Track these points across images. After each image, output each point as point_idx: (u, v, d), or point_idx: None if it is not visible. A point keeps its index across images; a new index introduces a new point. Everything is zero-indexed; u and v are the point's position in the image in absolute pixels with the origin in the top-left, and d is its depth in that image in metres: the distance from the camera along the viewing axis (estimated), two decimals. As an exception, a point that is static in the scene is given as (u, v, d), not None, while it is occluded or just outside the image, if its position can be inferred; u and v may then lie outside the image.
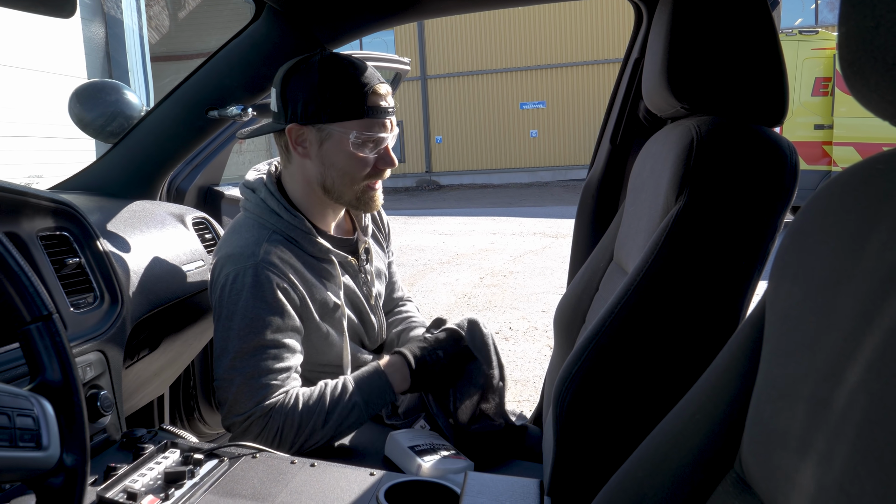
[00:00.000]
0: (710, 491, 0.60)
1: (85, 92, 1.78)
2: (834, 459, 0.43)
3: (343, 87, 1.33)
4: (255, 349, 1.31)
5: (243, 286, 1.32)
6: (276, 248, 1.37)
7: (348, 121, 1.35)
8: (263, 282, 1.33)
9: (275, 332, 1.33)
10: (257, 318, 1.32)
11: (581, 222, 1.84)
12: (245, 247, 1.36)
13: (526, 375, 3.76)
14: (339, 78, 1.33)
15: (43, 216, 1.21)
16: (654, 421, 0.71)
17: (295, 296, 1.37)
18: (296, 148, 1.39)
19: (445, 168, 18.68)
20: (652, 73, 1.16)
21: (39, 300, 0.73)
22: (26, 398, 0.68)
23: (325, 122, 1.35)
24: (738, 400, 0.60)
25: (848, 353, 0.45)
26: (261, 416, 1.30)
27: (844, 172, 0.54)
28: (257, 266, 1.33)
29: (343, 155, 1.38)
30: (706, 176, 0.99)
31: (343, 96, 1.33)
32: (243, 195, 1.47)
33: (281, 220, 1.40)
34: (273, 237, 1.38)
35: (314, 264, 1.43)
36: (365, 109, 1.34)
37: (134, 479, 1.00)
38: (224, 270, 1.35)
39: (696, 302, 0.99)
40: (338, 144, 1.37)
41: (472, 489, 0.94)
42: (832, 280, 0.49)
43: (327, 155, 1.38)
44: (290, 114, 1.36)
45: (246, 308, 1.32)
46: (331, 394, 1.35)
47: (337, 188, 1.42)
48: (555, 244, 8.13)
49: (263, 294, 1.33)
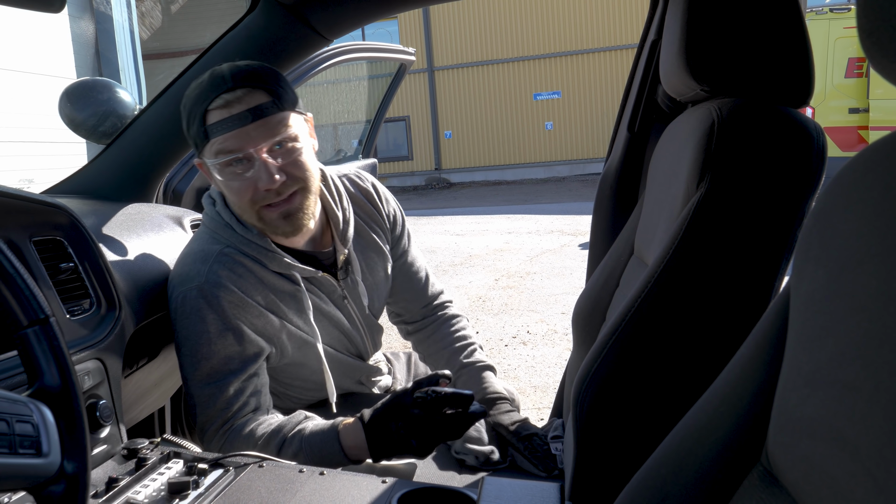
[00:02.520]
0: (737, 486, 0.61)
1: (76, 91, 1.81)
2: (861, 445, 0.44)
3: (188, 114, 1.31)
4: (207, 375, 1.34)
5: (191, 310, 1.34)
6: (225, 266, 1.36)
7: (204, 147, 1.31)
8: (211, 303, 1.33)
9: (226, 355, 1.34)
10: (208, 344, 1.33)
11: (599, 215, 1.85)
12: (192, 265, 1.37)
13: (546, 381, 3.77)
14: (186, 104, 1.31)
15: (36, 220, 1.23)
16: (677, 417, 0.72)
17: (250, 314, 1.36)
18: (210, 179, 1.38)
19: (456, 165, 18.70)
20: (670, 55, 1.17)
21: (36, 303, 0.75)
22: (25, 404, 0.70)
23: (198, 154, 1.35)
24: (763, 390, 0.61)
25: (874, 335, 0.46)
26: (220, 446, 1.34)
27: (866, 150, 0.55)
28: (202, 287, 1.34)
29: (221, 185, 1.35)
30: (728, 160, 1.00)
31: (190, 125, 1.31)
32: (204, 204, 1.47)
33: (234, 233, 1.38)
34: (225, 253, 1.37)
35: (275, 282, 1.40)
36: (205, 131, 1.28)
37: (136, 491, 1.02)
38: (173, 294, 1.38)
39: (720, 294, 1.00)
40: (214, 175, 1.34)
41: (489, 494, 0.95)
42: (856, 260, 0.50)
43: (219, 187, 1.38)
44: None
45: (196, 334, 1.34)
46: (278, 444, 1.31)
47: (242, 216, 1.39)
48: (573, 242, 8.13)
49: (212, 317, 1.33)
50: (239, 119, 1.26)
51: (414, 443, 1.23)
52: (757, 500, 0.58)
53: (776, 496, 0.56)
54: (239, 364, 1.35)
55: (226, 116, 1.26)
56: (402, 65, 3.15)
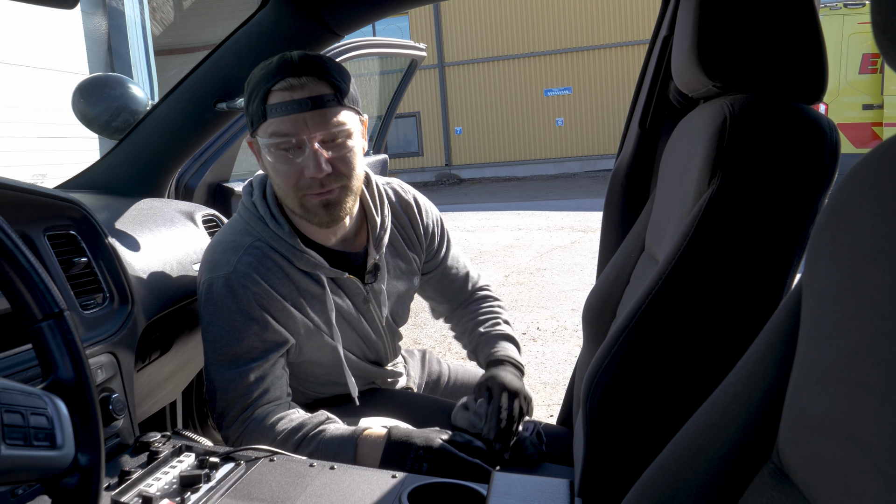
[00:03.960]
0: (747, 483, 0.61)
1: (89, 87, 1.82)
2: (873, 442, 0.44)
3: (251, 91, 1.32)
4: (230, 361, 1.35)
5: (218, 297, 1.36)
6: (254, 258, 1.38)
7: (259, 126, 1.32)
8: (237, 293, 1.35)
9: (249, 343, 1.35)
10: (228, 330, 1.35)
11: (610, 212, 1.84)
12: (222, 254, 1.39)
13: (556, 378, 3.77)
14: (251, 83, 1.32)
15: (50, 215, 1.24)
16: (687, 414, 0.72)
17: (275, 306, 1.38)
18: (258, 159, 1.40)
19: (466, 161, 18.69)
20: (682, 50, 1.17)
21: (51, 297, 0.75)
22: (39, 397, 0.71)
23: (253, 134, 1.36)
24: (775, 387, 0.61)
25: (886, 332, 0.46)
26: (238, 434, 1.35)
27: (880, 146, 0.55)
28: (229, 276, 1.36)
29: (269, 166, 1.36)
30: (740, 156, 0.99)
31: (251, 102, 1.32)
32: (243, 191, 1.49)
33: (266, 228, 1.40)
34: (255, 246, 1.39)
35: (301, 281, 1.41)
36: (264, 109, 1.29)
37: (149, 484, 1.03)
38: (201, 278, 1.40)
39: (731, 291, 0.99)
40: (264, 156, 1.36)
41: (498, 490, 0.95)
42: (869, 257, 0.50)
43: (266, 167, 1.39)
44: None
45: (220, 320, 1.35)
46: (296, 442, 1.32)
47: (283, 200, 1.40)
48: (584, 239, 8.11)
49: (236, 305, 1.35)
50: (299, 105, 1.27)
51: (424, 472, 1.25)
52: (767, 498, 0.58)
53: (787, 493, 0.56)
54: (261, 352, 1.36)
55: (287, 100, 1.28)
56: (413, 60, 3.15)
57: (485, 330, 1.68)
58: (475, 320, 1.72)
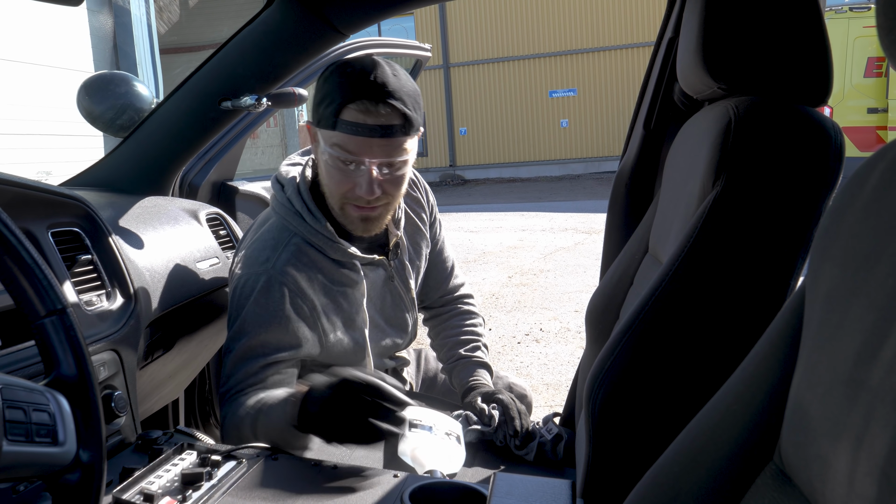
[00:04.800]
0: (749, 484, 0.61)
1: (94, 84, 1.82)
2: (875, 444, 0.44)
3: (327, 93, 1.32)
4: (246, 352, 1.37)
5: (252, 291, 1.37)
6: (294, 256, 1.40)
7: (325, 129, 1.34)
8: (273, 291, 1.37)
9: (265, 337, 1.37)
10: (253, 324, 1.36)
11: (614, 213, 1.84)
12: (262, 251, 1.41)
13: (558, 379, 3.76)
14: (331, 82, 1.32)
15: (54, 212, 1.25)
16: (690, 416, 0.72)
17: (306, 307, 1.41)
18: (312, 143, 1.43)
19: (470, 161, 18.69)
20: (687, 52, 1.17)
21: (54, 294, 0.76)
22: (41, 393, 0.71)
23: (316, 125, 1.37)
24: (777, 389, 0.61)
25: (889, 334, 0.46)
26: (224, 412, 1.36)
27: (884, 148, 0.55)
28: (269, 274, 1.38)
29: (322, 163, 1.39)
30: (745, 158, 0.99)
31: (324, 102, 1.33)
32: (273, 189, 1.51)
33: (304, 223, 1.42)
34: (293, 241, 1.42)
35: (335, 271, 1.45)
36: (335, 121, 1.31)
37: (150, 481, 1.03)
38: (238, 272, 1.42)
39: (734, 292, 0.99)
40: (320, 151, 1.37)
41: (500, 490, 0.95)
42: (872, 258, 0.50)
43: (318, 159, 1.41)
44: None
45: (247, 313, 1.37)
46: (259, 401, 1.30)
47: (327, 197, 1.42)
48: (588, 240, 8.11)
49: (269, 303, 1.37)
50: (370, 130, 1.29)
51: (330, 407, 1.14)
52: (769, 499, 0.58)
53: (789, 495, 0.56)
54: (273, 348, 1.38)
55: (360, 122, 1.29)
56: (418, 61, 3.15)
57: (465, 353, 1.71)
58: (456, 339, 1.74)
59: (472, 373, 1.67)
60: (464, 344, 1.72)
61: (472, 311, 1.82)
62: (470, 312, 1.81)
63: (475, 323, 1.79)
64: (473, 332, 1.76)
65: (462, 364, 1.70)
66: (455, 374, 1.70)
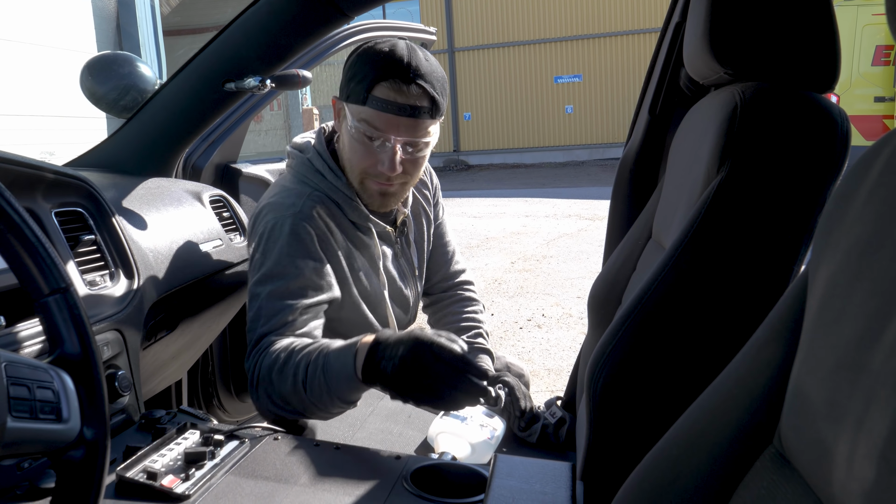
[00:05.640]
0: (748, 467, 0.61)
1: (97, 64, 1.82)
2: (875, 428, 0.44)
3: (359, 69, 1.36)
4: (284, 294, 1.36)
5: (281, 233, 1.39)
6: (315, 205, 1.43)
7: (354, 104, 1.37)
8: (301, 231, 1.39)
9: (306, 279, 1.38)
10: (290, 265, 1.37)
11: (617, 199, 1.84)
12: (287, 197, 1.44)
13: (560, 364, 3.77)
14: (363, 59, 1.36)
15: (58, 191, 1.25)
16: (690, 400, 0.73)
17: (332, 252, 1.44)
18: (336, 118, 1.47)
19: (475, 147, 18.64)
20: (694, 37, 1.16)
21: (57, 272, 0.76)
22: (45, 371, 0.71)
23: (344, 100, 1.41)
24: (778, 373, 0.61)
25: (891, 317, 0.46)
26: (257, 359, 1.31)
27: (889, 134, 0.54)
28: (295, 216, 1.40)
29: (347, 138, 1.42)
30: (750, 144, 0.99)
31: (355, 78, 1.36)
32: (290, 156, 1.54)
33: (324, 179, 1.46)
34: (314, 195, 1.45)
35: (351, 231, 1.49)
36: (366, 97, 1.35)
37: (154, 460, 1.03)
38: (264, 219, 1.43)
39: (737, 278, 0.99)
40: (346, 126, 1.41)
41: (501, 472, 0.96)
42: (876, 244, 0.50)
43: (343, 133, 1.45)
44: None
45: (280, 255, 1.38)
46: (312, 349, 1.27)
47: (347, 171, 1.47)
48: (591, 227, 8.10)
49: (300, 243, 1.39)
50: (399, 109, 1.33)
51: (402, 367, 1.14)
52: (768, 482, 0.58)
53: (788, 478, 0.57)
54: (313, 292, 1.39)
55: (391, 100, 1.33)
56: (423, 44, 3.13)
57: (466, 340, 1.70)
58: (457, 326, 1.75)
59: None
60: (465, 331, 1.73)
61: (473, 298, 1.83)
62: (471, 299, 1.82)
63: (476, 310, 1.79)
64: (474, 319, 1.76)
65: None
66: None
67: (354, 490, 1.00)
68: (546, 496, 0.90)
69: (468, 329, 1.73)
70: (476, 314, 1.78)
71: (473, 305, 1.80)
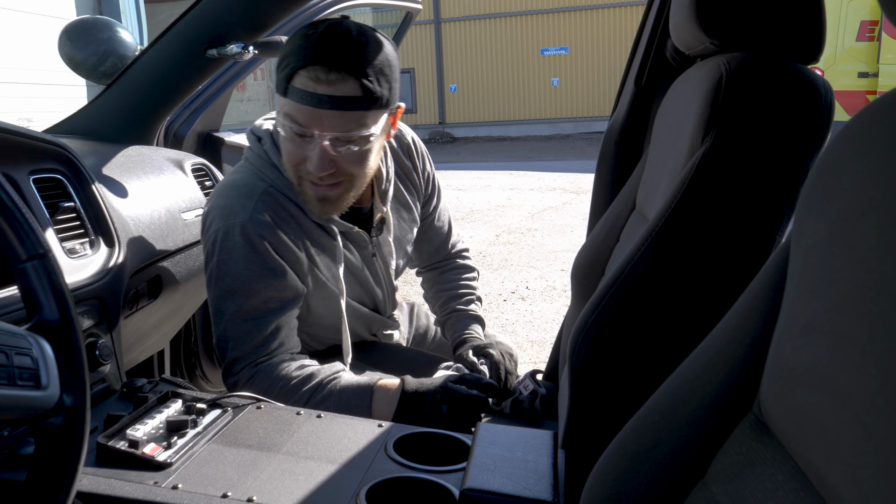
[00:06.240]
0: (728, 433, 0.62)
1: (75, 29, 1.78)
2: (853, 393, 0.45)
3: (284, 56, 1.24)
4: (247, 312, 1.34)
5: (234, 244, 1.32)
6: (269, 206, 1.34)
7: (280, 96, 1.25)
8: (254, 240, 1.32)
9: (268, 294, 1.34)
10: (249, 281, 1.32)
11: (602, 170, 1.84)
12: (236, 200, 1.34)
13: (543, 336, 3.80)
14: (290, 45, 1.24)
15: (36, 157, 1.23)
16: (671, 368, 0.73)
17: (289, 258, 1.36)
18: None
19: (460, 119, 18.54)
20: (680, 7, 1.15)
21: (35, 238, 0.75)
22: (24, 337, 0.70)
23: (276, 91, 1.30)
24: (758, 342, 0.62)
25: (871, 285, 0.46)
26: (248, 380, 1.34)
27: (874, 102, 0.54)
28: (244, 225, 1.32)
29: (280, 137, 1.31)
30: (735, 114, 0.99)
31: (279, 65, 1.25)
32: (248, 141, 1.45)
33: (281, 176, 1.37)
34: (269, 192, 1.35)
35: (312, 230, 1.40)
36: (286, 87, 1.23)
37: (135, 428, 1.03)
38: (213, 225, 1.35)
39: (720, 248, 1.00)
40: (278, 119, 1.30)
41: (483, 440, 0.96)
42: (859, 211, 0.50)
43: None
44: None
45: (237, 270, 1.32)
46: (310, 389, 1.33)
47: (287, 175, 1.36)
48: (576, 200, 8.11)
49: (254, 255, 1.32)
50: (318, 100, 1.20)
51: (441, 420, 1.28)
52: (747, 448, 0.59)
53: (766, 444, 0.57)
54: (278, 304, 1.35)
55: (309, 90, 1.20)
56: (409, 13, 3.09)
57: (459, 307, 1.71)
58: (451, 293, 1.74)
59: (465, 326, 1.67)
60: (458, 297, 1.73)
61: (468, 266, 1.82)
62: (466, 266, 1.82)
63: (470, 277, 1.80)
64: (468, 287, 1.76)
65: (456, 317, 1.70)
66: (448, 326, 1.71)
67: (337, 458, 1.00)
68: (528, 463, 0.91)
69: (461, 296, 1.73)
70: (470, 281, 1.78)
71: (468, 273, 1.80)
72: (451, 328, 1.70)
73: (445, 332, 1.73)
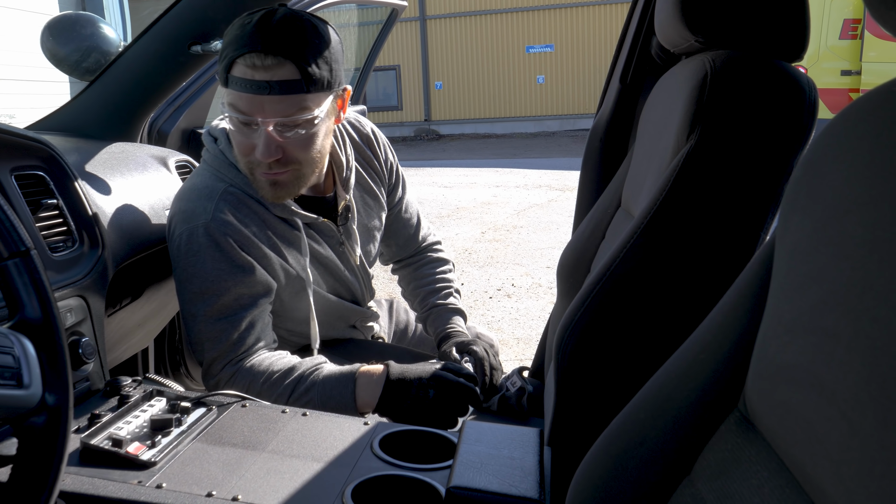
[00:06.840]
0: (713, 430, 0.62)
1: (58, 25, 1.76)
2: (838, 389, 0.45)
3: (223, 47, 1.25)
4: (219, 311, 1.34)
5: (199, 246, 1.32)
6: (230, 205, 1.35)
7: (223, 87, 1.27)
8: (219, 239, 1.32)
9: (239, 291, 1.34)
10: (218, 280, 1.32)
11: (588, 167, 1.84)
12: (197, 202, 1.35)
13: (529, 333, 3.80)
14: (228, 35, 1.25)
15: (17, 154, 1.21)
16: (657, 366, 0.73)
17: (255, 254, 1.36)
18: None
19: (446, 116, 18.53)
20: (665, 5, 1.16)
21: (17, 235, 0.74)
22: (5, 336, 0.70)
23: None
24: (743, 339, 0.62)
25: (856, 282, 0.46)
26: (229, 378, 1.34)
27: (859, 99, 0.55)
28: (208, 225, 1.32)
29: (229, 130, 1.33)
30: (720, 112, 0.99)
31: (220, 57, 1.26)
32: (204, 142, 1.45)
33: (239, 174, 1.37)
34: (230, 192, 1.36)
35: (277, 225, 1.40)
36: (227, 77, 1.24)
37: (119, 427, 1.02)
38: (177, 229, 1.36)
39: (705, 245, 1.00)
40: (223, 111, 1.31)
41: (469, 438, 0.96)
42: (844, 209, 0.50)
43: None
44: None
45: (205, 271, 1.32)
46: (293, 381, 1.32)
47: (239, 167, 1.37)
48: (561, 197, 8.13)
49: (221, 254, 1.32)
50: (257, 87, 1.21)
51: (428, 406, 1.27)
52: (732, 445, 0.59)
53: (751, 441, 0.57)
54: (249, 300, 1.35)
55: (247, 77, 1.21)
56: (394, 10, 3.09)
57: (439, 302, 1.71)
58: (428, 288, 1.74)
59: (447, 321, 1.67)
60: (436, 292, 1.73)
61: (442, 258, 1.82)
62: (440, 259, 1.81)
63: (445, 269, 1.79)
64: (445, 280, 1.76)
65: (436, 312, 1.70)
66: (430, 322, 1.71)
67: (323, 456, 1.00)
68: (514, 461, 0.91)
69: (439, 290, 1.73)
70: (445, 274, 1.78)
71: (443, 266, 1.80)
72: (432, 324, 1.70)
73: (427, 329, 1.73)
